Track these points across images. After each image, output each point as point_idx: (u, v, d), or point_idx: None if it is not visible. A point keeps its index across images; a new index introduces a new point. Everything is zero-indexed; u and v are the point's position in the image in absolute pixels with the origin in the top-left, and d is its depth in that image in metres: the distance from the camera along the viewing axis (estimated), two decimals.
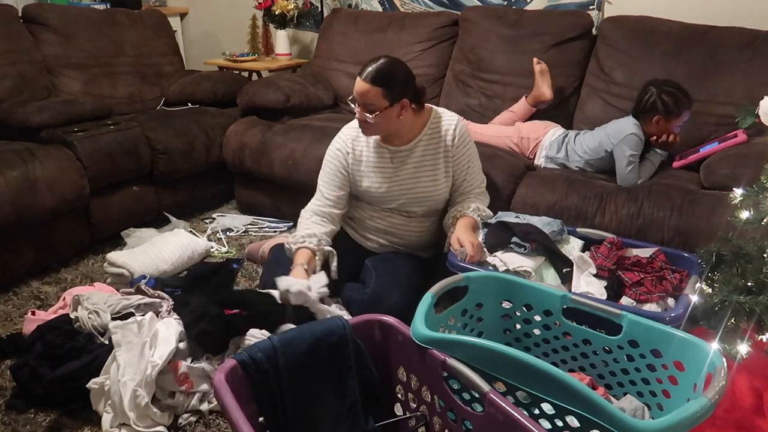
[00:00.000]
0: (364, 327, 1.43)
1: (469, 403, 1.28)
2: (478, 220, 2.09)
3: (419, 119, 2.09)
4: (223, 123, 3.05)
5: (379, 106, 1.93)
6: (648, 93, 2.34)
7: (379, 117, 1.94)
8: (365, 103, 1.94)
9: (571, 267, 1.94)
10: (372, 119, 1.94)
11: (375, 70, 1.91)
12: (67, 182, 2.44)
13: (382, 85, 1.91)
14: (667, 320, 1.59)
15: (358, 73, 1.95)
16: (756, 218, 1.51)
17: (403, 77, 1.97)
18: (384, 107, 1.93)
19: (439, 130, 2.09)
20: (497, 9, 3.10)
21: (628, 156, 2.28)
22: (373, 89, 1.91)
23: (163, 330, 1.74)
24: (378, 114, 1.93)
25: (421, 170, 2.11)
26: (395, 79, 1.94)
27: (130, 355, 1.66)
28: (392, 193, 2.12)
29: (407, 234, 2.20)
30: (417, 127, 2.09)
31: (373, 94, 1.91)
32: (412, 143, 2.09)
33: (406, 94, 1.97)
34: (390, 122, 1.98)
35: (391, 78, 1.93)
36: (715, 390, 1.15)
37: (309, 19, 3.91)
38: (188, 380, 1.69)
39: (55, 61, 3.14)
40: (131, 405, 1.59)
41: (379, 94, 1.91)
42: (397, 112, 1.97)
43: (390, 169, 2.11)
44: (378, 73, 1.91)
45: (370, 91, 1.91)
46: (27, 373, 1.74)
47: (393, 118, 1.97)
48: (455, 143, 2.09)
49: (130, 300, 1.91)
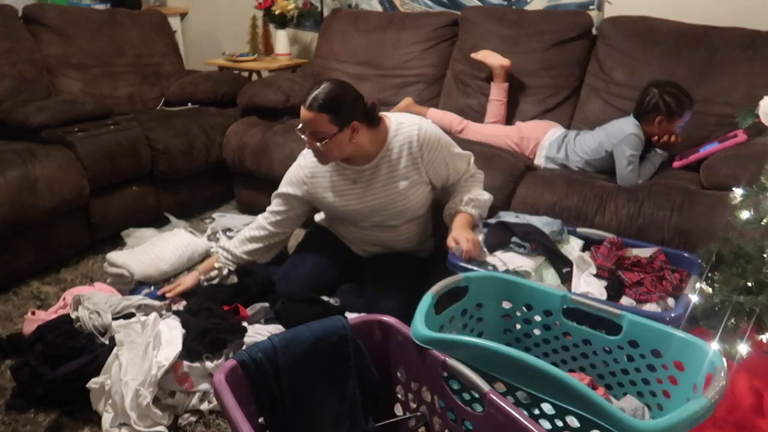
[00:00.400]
0: (364, 327, 1.43)
1: (469, 403, 1.28)
2: (474, 213, 2.05)
3: (378, 136, 1.99)
4: (223, 123, 3.05)
5: (327, 133, 1.84)
6: (650, 94, 2.33)
7: (330, 144, 1.86)
8: (313, 132, 1.86)
9: (571, 267, 1.94)
10: (323, 147, 1.86)
11: (319, 97, 1.82)
12: (67, 182, 2.44)
13: (327, 112, 1.82)
14: (667, 320, 1.58)
15: (302, 102, 1.87)
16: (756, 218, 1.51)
17: (349, 100, 1.88)
18: (333, 133, 1.85)
19: (401, 141, 2.00)
20: (497, 9, 3.10)
21: (628, 156, 2.28)
22: (318, 116, 1.83)
23: (165, 331, 1.74)
24: (328, 141, 1.85)
25: (390, 185, 2.03)
26: (341, 103, 1.85)
27: (133, 355, 1.66)
28: (364, 212, 2.07)
29: (395, 242, 2.18)
30: (376, 143, 1.99)
31: (320, 122, 1.83)
32: (375, 161, 2.01)
33: (355, 117, 1.88)
34: (343, 147, 1.90)
35: (336, 102, 1.83)
36: (715, 390, 1.15)
37: (309, 19, 3.91)
38: (188, 380, 1.69)
39: (55, 61, 3.14)
40: (133, 404, 1.59)
41: (326, 121, 1.83)
42: (348, 136, 1.88)
43: (357, 190, 2.05)
44: (323, 100, 1.82)
45: (316, 119, 1.83)
46: (27, 372, 1.74)
47: (345, 143, 1.89)
48: (423, 151, 1.99)
49: (131, 300, 1.92)
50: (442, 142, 2.04)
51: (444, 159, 2.05)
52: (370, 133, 1.97)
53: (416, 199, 2.07)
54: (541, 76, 2.82)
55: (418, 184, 2.05)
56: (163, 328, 1.75)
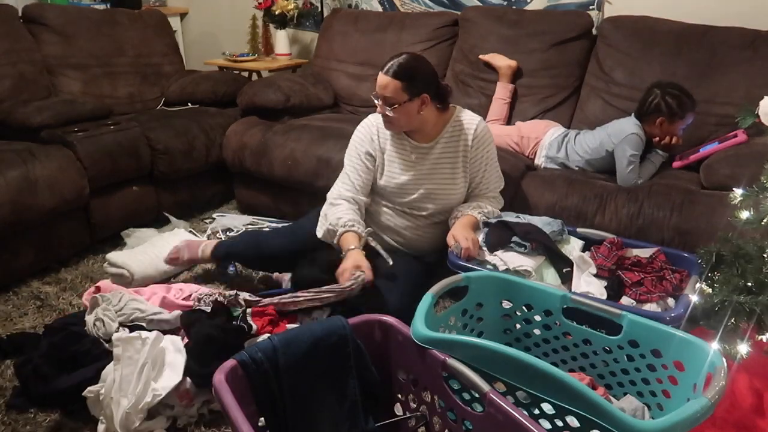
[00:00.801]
0: (364, 327, 1.43)
1: (469, 403, 1.28)
2: (478, 218, 2.09)
3: (442, 118, 2.09)
4: (223, 123, 3.05)
5: (398, 100, 1.95)
6: (652, 95, 2.34)
7: (399, 111, 1.96)
8: (385, 96, 1.96)
9: (571, 267, 1.94)
10: (391, 112, 1.96)
11: (396, 65, 1.94)
12: (67, 182, 2.44)
13: (402, 79, 1.93)
14: (667, 320, 1.59)
15: (381, 68, 1.97)
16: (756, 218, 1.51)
17: (423, 73, 1.99)
18: (403, 101, 1.95)
19: (460, 129, 2.10)
20: (497, 9, 3.11)
21: (628, 156, 2.28)
22: (392, 82, 1.93)
23: (170, 350, 1.69)
24: (397, 107, 1.95)
25: (438, 168, 2.11)
26: (416, 74, 1.96)
27: (128, 372, 1.61)
28: (408, 187, 2.12)
29: (414, 237, 2.19)
30: (439, 125, 2.09)
31: (393, 88, 1.94)
32: (433, 141, 2.10)
33: (427, 90, 1.98)
34: (410, 117, 2.00)
35: (411, 72, 1.95)
36: (715, 390, 1.15)
37: (309, 19, 3.91)
38: (189, 395, 1.67)
39: (55, 61, 3.14)
40: (122, 423, 1.56)
41: (399, 88, 1.93)
42: (417, 107, 1.98)
43: (409, 162, 2.11)
44: (399, 68, 1.93)
45: (389, 84, 1.94)
46: (30, 370, 1.74)
47: (413, 113, 1.99)
48: (474, 143, 2.09)
49: (145, 312, 1.85)
50: (493, 145, 2.15)
51: (486, 161, 2.14)
52: (437, 113, 2.07)
53: (456, 188, 2.13)
54: (541, 76, 2.82)
55: (461, 175, 2.13)
56: (168, 346, 1.70)
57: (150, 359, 1.64)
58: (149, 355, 1.64)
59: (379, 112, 2.02)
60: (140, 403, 1.58)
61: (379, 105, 1.99)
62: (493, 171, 2.17)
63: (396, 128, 2.06)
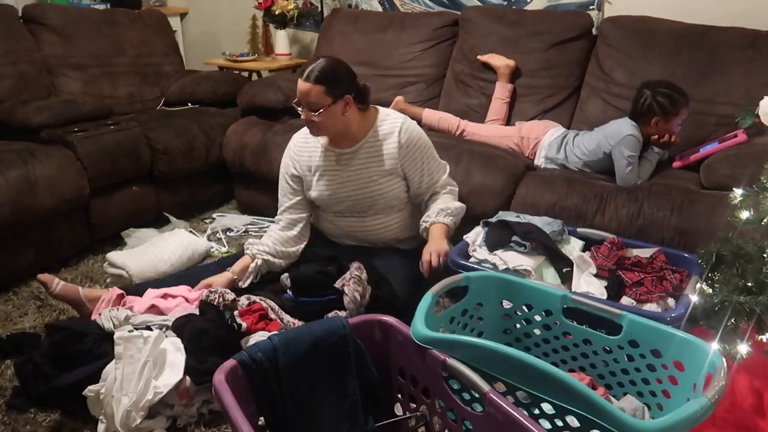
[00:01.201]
0: (364, 327, 1.43)
1: (469, 403, 1.28)
2: (448, 223, 2.10)
3: (365, 121, 2.12)
4: (223, 123, 3.05)
5: (322, 104, 1.97)
6: (643, 96, 2.33)
7: (324, 115, 1.98)
8: (309, 103, 1.98)
9: (571, 267, 1.95)
10: (317, 117, 1.98)
11: (316, 70, 1.96)
12: (67, 182, 2.44)
13: (323, 83, 1.96)
14: (667, 320, 1.59)
15: (299, 76, 2.00)
16: (756, 218, 1.51)
17: (343, 75, 2.02)
18: (327, 104, 1.97)
19: (385, 131, 2.11)
20: (497, 9, 3.11)
21: (626, 157, 2.28)
22: (314, 87, 1.96)
23: (171, 350, 1.69)
24: (322, 112, 1.97)
25: (363, 171, 2.12)
26: (336, 77, 1.99)
27: (130, 370, 1.62)
28: (338, 195, 2.15)
29: (368, 234, 2.22)
30: (363, 129, 2.11)
31: (315, 93, 1.96)
32: (357, 145, 2.11)
33: (348, 91, 2.01)
34: (335, 120, 2.02)
35: (332, 76, 1.98)
36: (715, 390, 1.15)
37: (309, 19, 3.91)
38: (189, 394, 1.67)
39: (55, 61, 3.14)
40: (123, 422, 1.56)
41: (321, 92, 1.96)
42: (341, 109, 2.01)
43: (335, 171, 2.14)
44: (319, 72, 1.96)
45: (311, 90, 1.96)
46: (30, 369, 1.74)
47: (338, 116, 2.02)
48: (401, 145, 2.10)
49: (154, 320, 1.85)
50: (423, 141, 2.15)
51: (421, 159, 2.14)
52: (360, 115, 2.10)
53: (387, 189, 2.14)
54: (541, 76, 2.82)
55: (392, 175, 2.13)
56: (168, 347, 1.70)
57: (151, 358, 1.64)
58: (150, 354, 1.64)
59: (304, 119, 2.03)
60: (141, 401, 1.58)
61: (303, 112, 2.01)
62: (432, 163, 2.17)
63: (322, 133, 2.07)
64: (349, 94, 2.02)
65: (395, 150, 2.10)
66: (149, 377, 1.62)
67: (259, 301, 1.92)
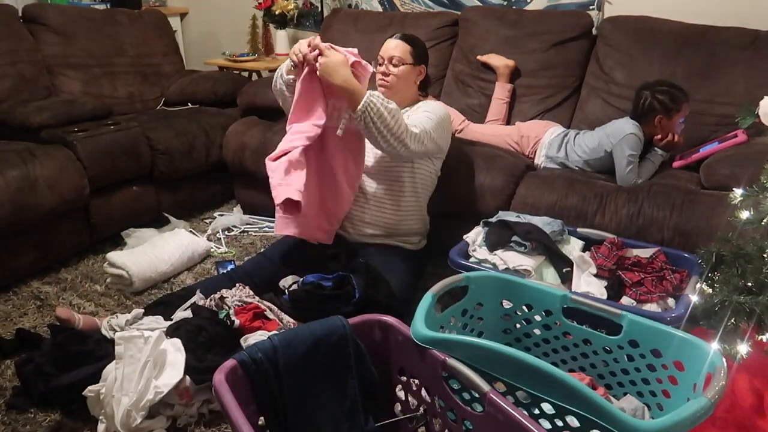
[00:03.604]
0: (364, 327, 1.43)
1: (469, 403, 1.28)
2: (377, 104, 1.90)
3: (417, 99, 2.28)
4: (223, 123, 3.05)
5: (404, 60, 2.18)
6: (643, 97, 2.34)
7: (402, 71, 2.18)
8: (392, 56, 2.17)
9: (571, 267, 1.95)
10: (396, 71, 2.17)
11: (405, 34, 2.22)
12: (67, 182, 2.44)
13: (411, 44, 2.20)
14: (667, 320, 1.59)
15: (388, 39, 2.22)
16: (756, 218, 1.51)
17: (425, 49, 2.26)
18: (408, 62, 2.18)
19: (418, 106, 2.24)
20: (497, 9, 3.11)
21: (627, 156, 2.28)
22: (402, 44, 2.19)
23: (171, 351, 1.69)
24: (402, 68, 2.17)
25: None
26: (421, 45, 2.24)
27: (130, 370, 1.62)
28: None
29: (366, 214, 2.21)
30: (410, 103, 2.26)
31: (402, 49, 2.18)
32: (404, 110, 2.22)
33: (425, 63, 2.25)
34: (408, 82, 2.21)
35: (418, 42, 2.23)
36: (715, 390, 1.15)
37: (309, 19, 3.91)
38: (189, 393, 1.67)
39: (55, 61, 3.14)
40: (123, 421, 1.56)
41: (407, 51, 2.19)
42: (415, 75, 2.23)
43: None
44: (408, 36, 2.22)
45: (399, 46, 2.19)
46: (31, 369, 1.74)
47: (410, 79, 2.22)
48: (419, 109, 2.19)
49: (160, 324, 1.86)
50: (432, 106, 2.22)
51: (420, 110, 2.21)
52: (416, 94, 2.29)
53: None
54: (541, 76, 2.82)
55: None
56: (168, 347, 1.70)
57: (152, 358, 1.64)
58: (151, 354, 1.65)
59: (383, 72, 2.19)
60: (142, 400, 1.58)
61: (383, 67, 2.18)
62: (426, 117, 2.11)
63: (391, 90, 2.19)
64: (425, 66, 2.24)
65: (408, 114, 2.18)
66: (150, 377, 1.62)
67: (257, 301, 1.92)
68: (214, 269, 2.49)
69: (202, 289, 2.03)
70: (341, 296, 1.90)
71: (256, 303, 1.90)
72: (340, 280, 1.94)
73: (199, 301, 1.97)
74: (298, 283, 1.99)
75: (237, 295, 1.94)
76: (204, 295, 2.00)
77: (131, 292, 2.32)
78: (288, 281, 2.01)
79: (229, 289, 1.98)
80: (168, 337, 1.75)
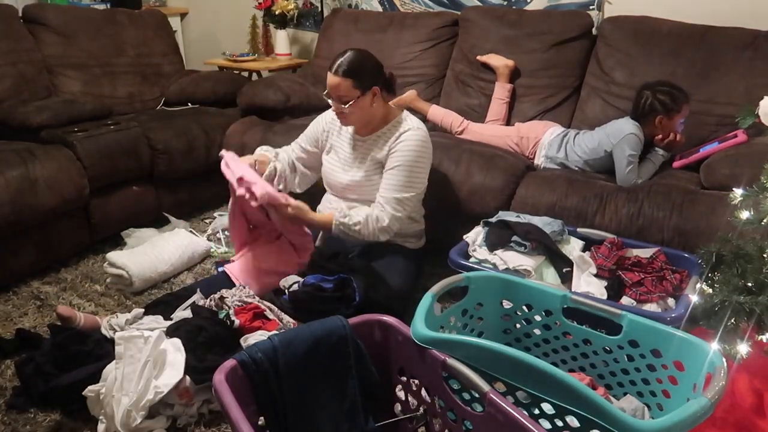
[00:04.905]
0: (364, 327, 1.43)
1: (469, 403, 1.28)
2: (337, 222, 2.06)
3: (389, 114, 2.17)
4: (223, 123, 3.05)
5: (351, 96, 2.03)
6: (643, 97, 2.35)
7: (353, 106, 2.04)
8: (338, 96, 2.04)
9: (571, 267, 1.95)
10: (347, 110, 2.04)
11: (344, 63, 2.01)
12: (67, 182, 2.44)
13: (352, 77, 2.01)
14: (667, 320, 1.59)
15: (328, 68, 2.04)
16: (756, 218, 1.51)
17: (370, 66, 2.08)
18: (356, 96, 2.03)
19: (396, 130, 2.13)
20: (497, 9, 3.11)
21: (627, 156, 2.28)
22: (343, 81, 2.01)
23: (171, 351, 1.69)
24: (351, 104, 2.03)
25: (365, 160, 2.17)
26: (364, 70, 2.04)
27: (130, 370, 1.62)
28: (336, 176, 2.23)
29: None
30: (383, 121, 2.16)
31: (344, 86, 2.02)
32: (372, 135, 2.17)
33: (375, 83, 2.07)
34: (364, 111, 2.08)
35: (359, 68, 2.03)
36: (715, 390, 1.15)
37: (309, 19, 3.91)
38: (189, 393, 1.67)
39: (55, 61, 3.14)
40: (123, 421, 1.56)
41: (350, 85, 2.02)
42: (369, 100, 2.07)
43: (346, 154, 2.22)
44: (347, 66, 2.01)
45: (341, 84, 2.02)
46: (32, 368, 1.74)
47: (366, 107, 2.08)
48: (396, 142, 2.10)
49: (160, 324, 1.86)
50: (412, 155, 2.08)
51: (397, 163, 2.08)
52: (385, 105, 2.16)
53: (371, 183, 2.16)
54: (541, 76, 2.82)
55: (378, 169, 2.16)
56: (168, 347, 1.70)
57: (152, 357, 1.64)
58: (151, 354, 1.65)
59: (335, 110, 2.11)
60: (142, 400, 1.58)
61: (334, 104, 2.08)
62: (395, 176, 2.08)
63: (351, 123, 2.14)
64: (377, 86, 2.07)
65: (388, 147, 2.12)
66: (150, 377, 1.62)
67: (257, 301, 1.92)
68: (214, 269, 2.49)
69: (201, 289, 2.04)
70: (341, 299, 1.90)
71: (256, 303, 1.90)
72: (341, 282, 1.94)
73: (199, 301, 1.97)
74: (299, 283, 1.98)
75: (237, 295, 1.94)
76: (204, 295, 2.00)
77: (131, 292, 2.32)
78: (288, 281, 2.01)
79: (229, 289, 1.98)
80: (168, 337, 1.75)
